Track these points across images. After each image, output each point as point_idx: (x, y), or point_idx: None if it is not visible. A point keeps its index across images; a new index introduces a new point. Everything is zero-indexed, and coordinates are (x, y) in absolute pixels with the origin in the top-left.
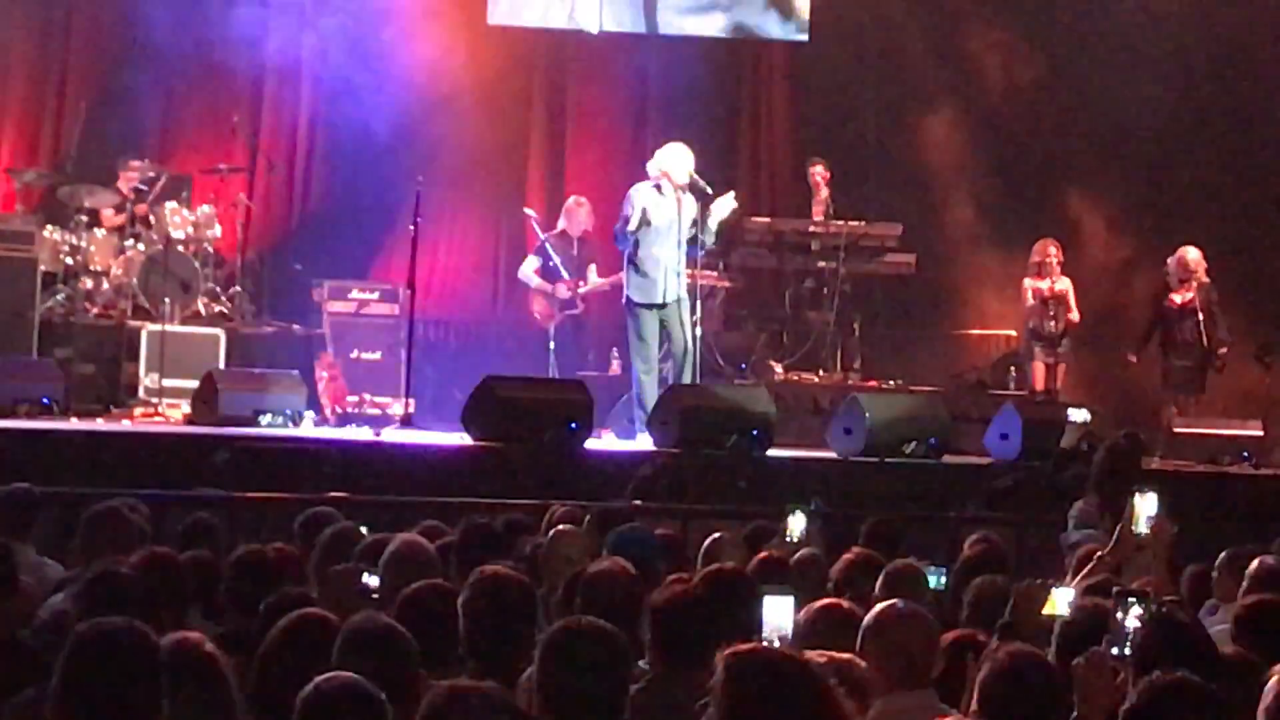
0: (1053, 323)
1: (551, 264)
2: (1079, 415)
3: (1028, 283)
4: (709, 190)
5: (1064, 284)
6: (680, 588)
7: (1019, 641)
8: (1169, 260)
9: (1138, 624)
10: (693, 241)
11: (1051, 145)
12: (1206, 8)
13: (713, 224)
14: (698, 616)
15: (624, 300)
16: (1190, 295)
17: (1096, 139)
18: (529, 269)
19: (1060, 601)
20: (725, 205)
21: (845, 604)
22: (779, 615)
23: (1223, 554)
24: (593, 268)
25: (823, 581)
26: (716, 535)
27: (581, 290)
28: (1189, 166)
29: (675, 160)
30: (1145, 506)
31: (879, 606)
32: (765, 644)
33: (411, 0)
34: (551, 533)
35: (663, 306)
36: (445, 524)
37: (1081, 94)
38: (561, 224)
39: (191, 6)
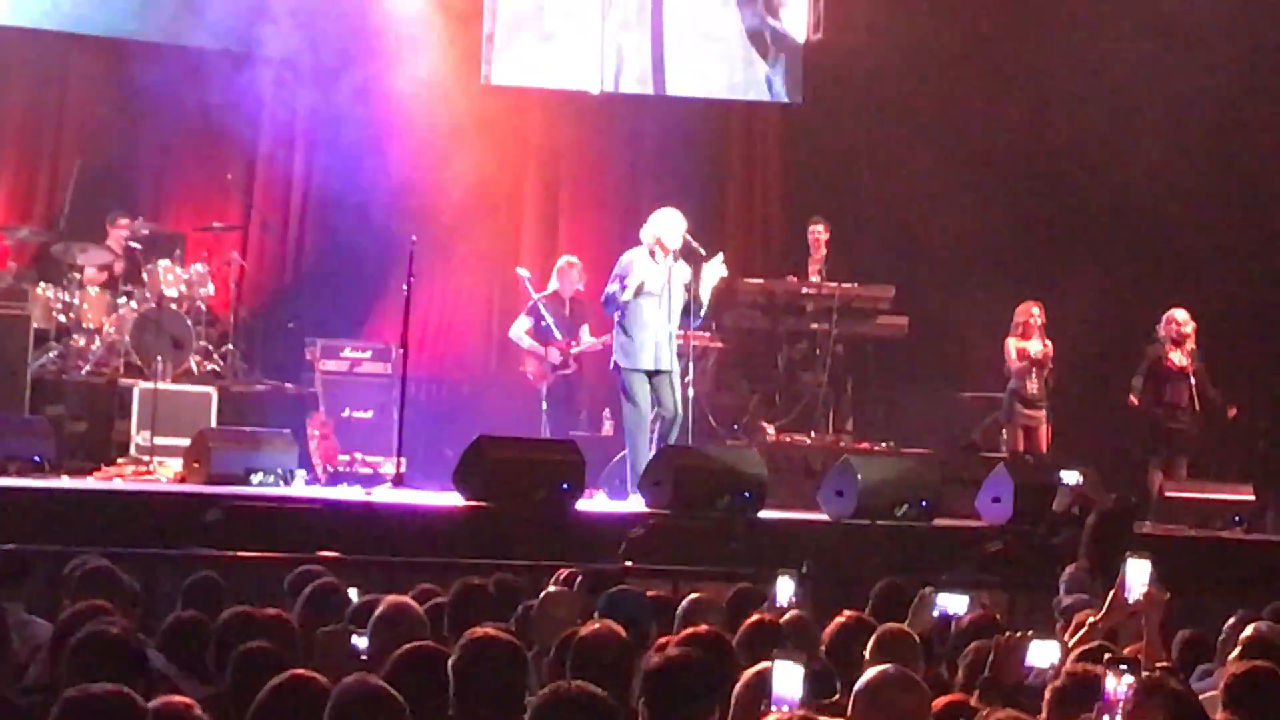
0: (1034, 384)
1: (544, 324)
2: (1071, 477)
3: (1011, 343)
4: (703, 253)
5: (1047, 345)
6: (673, 652)
7: (1001, 698)
8: (1161, 322)
9: (1129, 690)
10: (685, 311)
11: (1046, 207)
12: (1205, 68)
13: (704, 290)
14: (684, 680)
15: (612, 365)
16: (1186, 359)
17: (1090, 201)
18: (520, 329)
19: (1039, 654)
20: (715, 271)
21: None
22: (789, 682)
23: (1231, 619)
24: (585, 328)
25: (814, 645)
26: (695, 596)
27: (573, 351)
28: (1182, 229)
29: (668, 226)
30: (1137, 572)
31: (871, 671)
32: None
33: (407, 60)
34: (542, 594)
35: (654, 373)
36: (437, 584)
37: (1077, 155)
38: (554, 284)
39: (187, 65)
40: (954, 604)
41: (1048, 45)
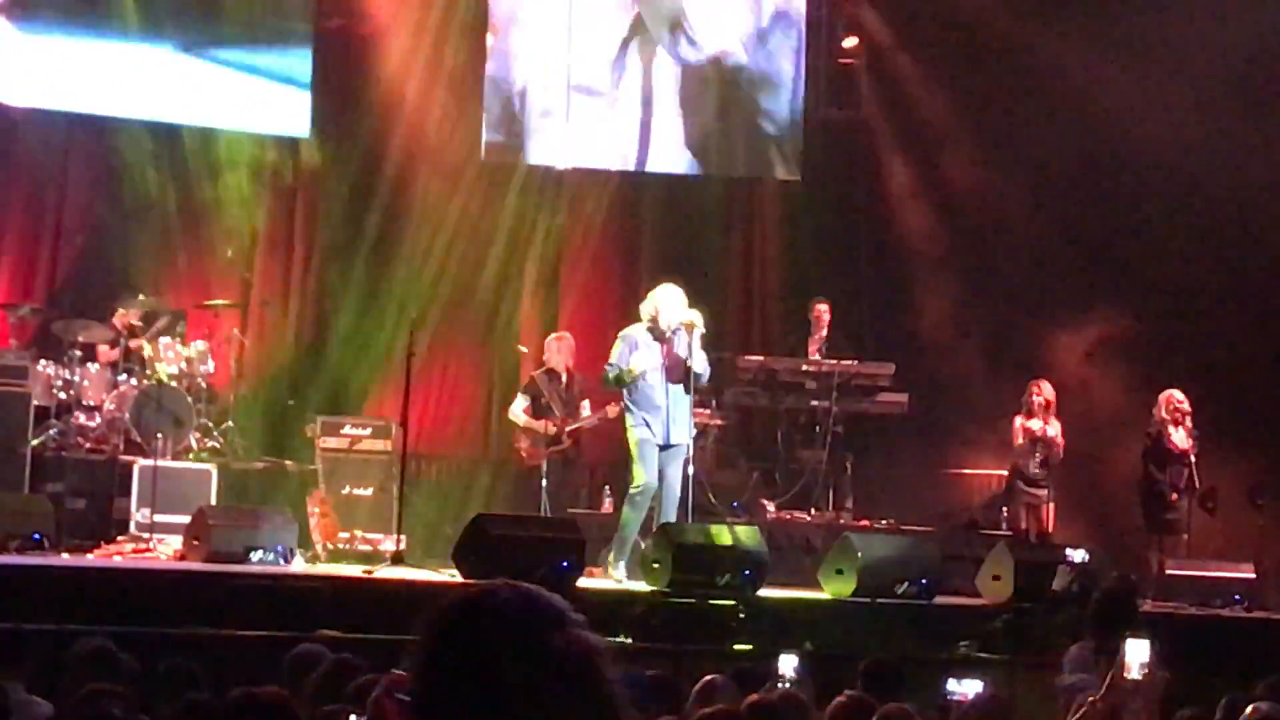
0: (1039, 464)
1: (544, 401)
2: (1077, 555)
3: (1019, 422)
4: (702, 330)
5: (1054, 427)
6: None
7: None
8: (1159, 402)
9: None
10: (686, 374)
11: (1044, 283)
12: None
13: (695, 352)
14: None
15: (627, 430)
16: (1187, 440)
17: (1090, 277)
18: (518, 408)
19: None
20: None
21: None
22: None
23: (1224, 699)
24: (585, 404)
25: None
26: (710, 678)
27: (568, 428)
28: (1184, 309)
29: (667, 302)
30: (1137, 652)
31: None
32: None
33: (406, 136)
34: None
35: (664, 448)
36: None
37: (1072, 230)
38: (548, 360)
39: (187, 145)
40: (966, 687)
41: (1047, 115)
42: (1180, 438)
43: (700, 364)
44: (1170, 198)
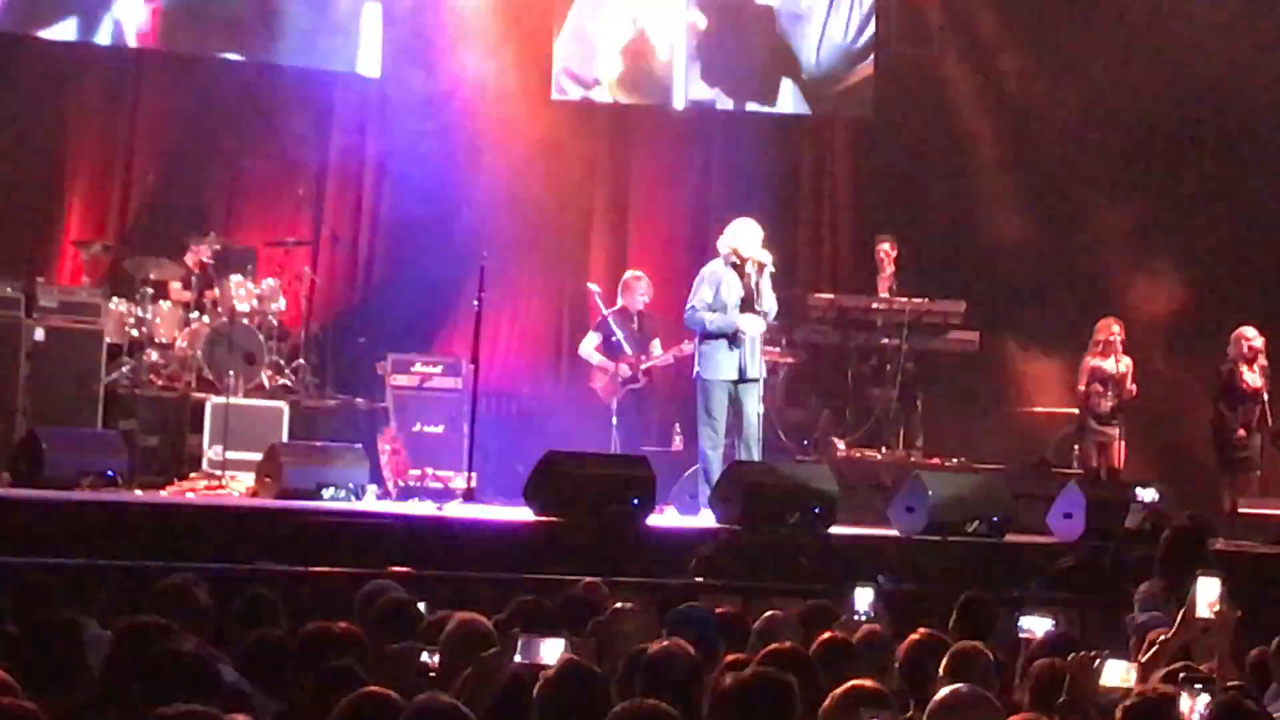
0: (1111, 402)
1: (615, 340)
2: (1147, 494)
3: (1089, 360)
4: (772, 270)
5: (1126, 363)
6: (757, 670)
7: (1077, 717)
8: (1232, 340)
9: (1204, 710)
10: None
11: (1118, 219)
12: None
13: (764, 292)
14: (768, 697)
15: (694, 375)
16: (1260, 378)
17: (1166, 216)
18: (589, 346)
19: (1114, 673)
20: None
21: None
22: None
23: (1277, 639)
24: (656, 342)
25: (888, 661)
26: (770, 614)
27: (643, 366)
28: (1256, 244)
29: (745, 236)
30: (1208, 590)
31: (944, 690)
32: None
33: (476, 76)
34: (610, 610)
35: (738, 382)
36: (508, 599)
37: (1149, 166)
38: (621, 299)
39: (259, 81)
40: (1037, 625)
41: (1124, 48)
42: (1253, 376)
43: (769, 303)
44: (1250, 129)
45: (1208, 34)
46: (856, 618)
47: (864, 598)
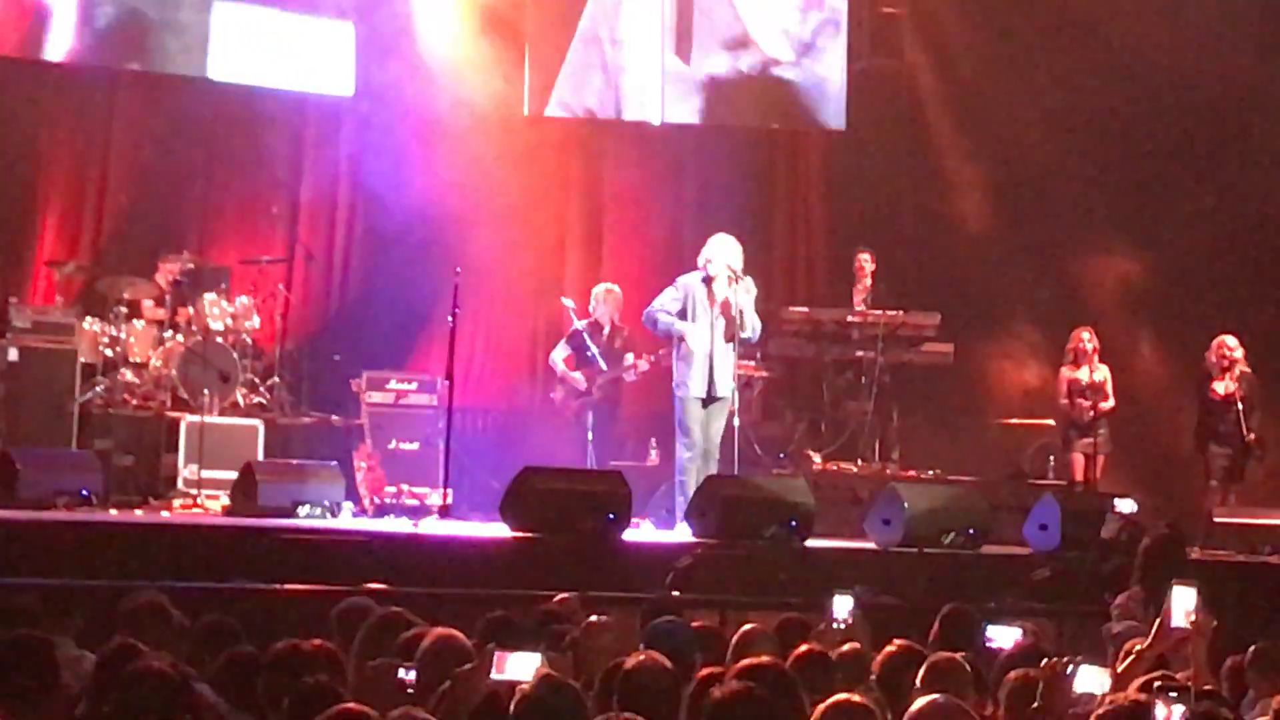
0: (1090, 412)
1: (589, 353)
2: (1125, 505)
3: (1064, 371)
4: (752, 290)
5: (1101, 372)
6: (737, 685)
7: None
8: (1210, 347)
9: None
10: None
11: (1091, 230)
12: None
13: (746, 314)
14: (749, 714)
15: (673, 386)
16: (1233, 386)
17: (1138, 223)
18: (558, 355)
19: (1087, 680)
20: (746, 290)
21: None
22: None
23: (1252, 647)
24: (629, 356)
25: (865, 674)
26: (747, 627)
27: (599, 380)
28: (1232, 252)
29: (724, 252)
30: (1183, 599)
31: (920, 701)
32: None
33: (448, 91)
34: (585, 624)
35: (710, 400)
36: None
37: (1119, 177)
38: (593, 312)
39: (232, 100)
40: (1004, 635)
41: (1090, 60)
42: (1224, 385)
43: (752, 324)
44: (1224, 138)
45: (1179, 46)
46: (835, 625)
47: (843, 605)
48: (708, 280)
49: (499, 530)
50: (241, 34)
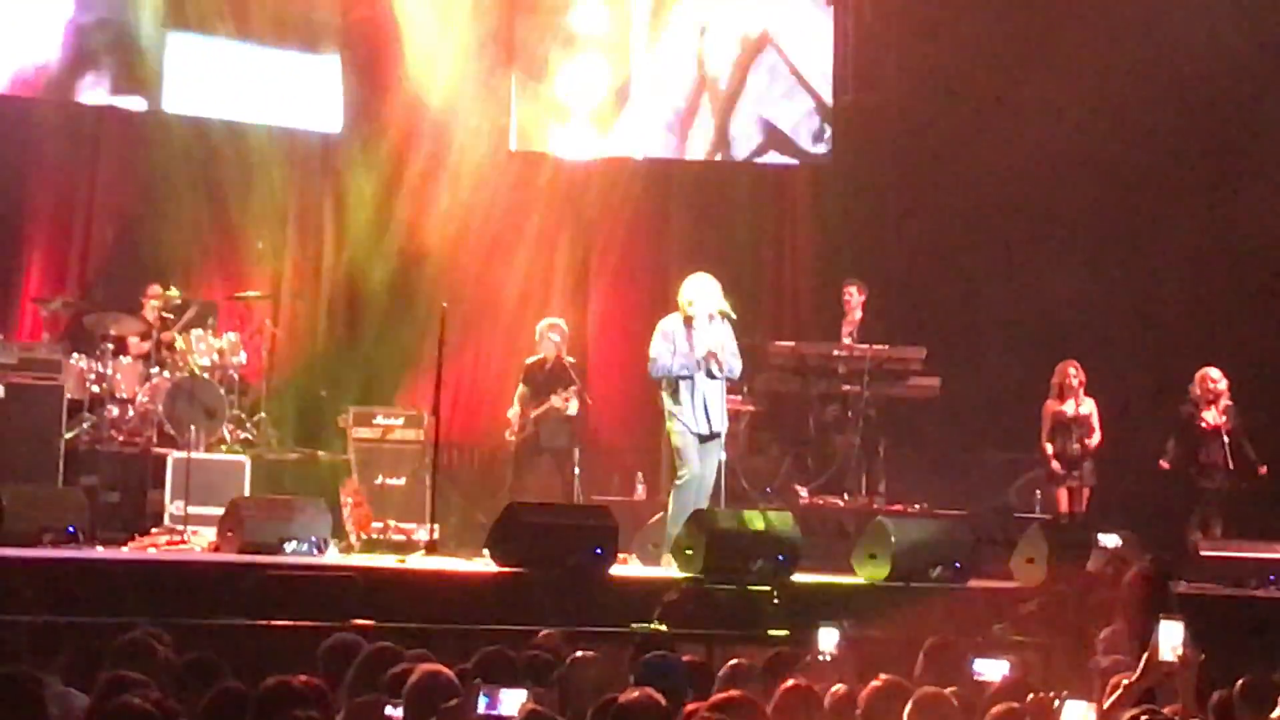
0: (1076, 446)
1: (537, 389)
2: (1110, 540)
3: (1050, 404)
4: (733, 316)
5: (1087, 406)
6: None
7: None
8: (1194, 381)
9: None
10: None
11: (1078, 262)
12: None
13: (728, 351)
14: None
15: (668, 424)
16: (1222, 417)
17: (1125, 256)
18: (517, 395)
19: (1074, 714)
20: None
21: None
22: None
23: (1239, 681)
24: (571, 390)
25: (851, 709)
26: (735, 662)
27: (520, 420)
28: (1217, 287)
29: (701, 291)
30: (1171, 634)
31: None
32: None
33: (434, 127)
34: (571, 659)
35: (708, 437)
36: (471, 650)
37: (1103, 209)
38: (537, 346)
39: (218, 136)
40: (991, 668)
41: (1075, 94)
42: (1214, 417)
43: (733, 364)
44: (1210, 174)
45: (1164, 76)
46: (821, 658)
47: (829, 638)
48: (687, 321)
49: (486, 566)
50: (228, 70)
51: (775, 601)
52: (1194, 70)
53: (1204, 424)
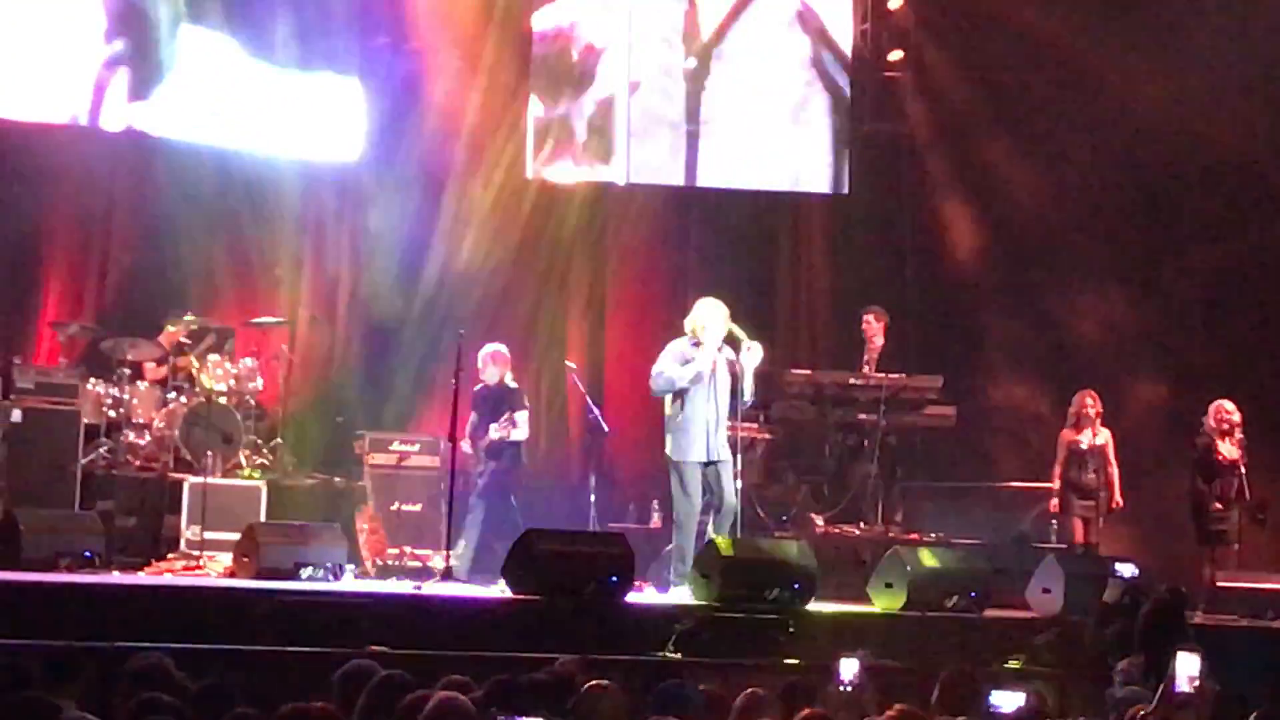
0: (1092, 476)
1: (483, 417)
2: (1126, 569)
3: (1065, 434)
4: (744, 339)
5: (1103, 436)
6: None
7: None
8: (1208, 413)
9: None
10: (733, 394)
11: (1094, 291)
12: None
13: (746, 378)
14: None
15: (665, 457)
16: (1236, 450)
17: (1142, 284)
18: (468, 425)
19: None
20: (754, 357)
21: None
22: None
23: (1255, 713)
24: (517, 416)
25: None
26: (751, 691)
27: (480, 444)
28: (1234, 313)
29: (709, 316)
30: (1187, 665)
31: None
32: None
33: (451, 154)
34: (586, 688)
35: (707, 464)
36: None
37: (1120, 240)
38: (481, 374)
39: (237, 163)
40: (1008, 700)
41: (1093, 124)
42: (1229, 449)
43: (748, 388)
44: (1226, 208)
45: (1179, 103)
46: (842, 689)
47: (849, 668)
48: (696, 345)
49: (501, 592)
50: (246, 95)
51: (790, 630)
52: (1210, 100)
53: (1221, 456)
